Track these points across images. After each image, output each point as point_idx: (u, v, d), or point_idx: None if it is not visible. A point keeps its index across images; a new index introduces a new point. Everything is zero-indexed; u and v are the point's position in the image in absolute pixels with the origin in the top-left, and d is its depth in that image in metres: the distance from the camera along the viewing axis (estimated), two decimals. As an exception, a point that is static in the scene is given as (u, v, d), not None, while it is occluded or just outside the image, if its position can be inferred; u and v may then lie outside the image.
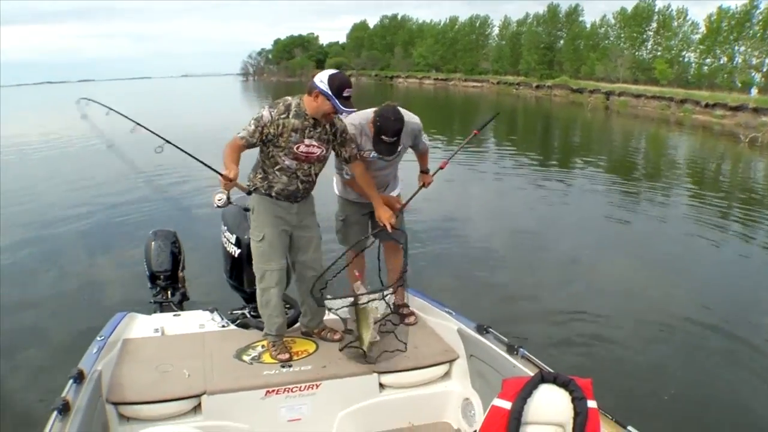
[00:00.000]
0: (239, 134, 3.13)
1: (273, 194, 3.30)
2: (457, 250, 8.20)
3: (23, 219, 9.69)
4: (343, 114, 3.20)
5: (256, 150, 3.32)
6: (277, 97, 3.41)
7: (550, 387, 2.13)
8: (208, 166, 3.26)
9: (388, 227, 3.54)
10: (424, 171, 4.00)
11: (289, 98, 3.22)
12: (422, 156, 3.96)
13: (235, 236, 3.75)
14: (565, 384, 2.11)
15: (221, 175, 3.02)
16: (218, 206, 3.47)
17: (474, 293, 6.44)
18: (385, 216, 3.54)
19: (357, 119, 3.50)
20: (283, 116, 3.14)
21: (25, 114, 42.13)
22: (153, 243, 4.65)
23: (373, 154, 3.52)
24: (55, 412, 2.44)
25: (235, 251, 3.75)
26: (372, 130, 3.42)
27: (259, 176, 3.31)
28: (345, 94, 3.05)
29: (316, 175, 3.40)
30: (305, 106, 3.18)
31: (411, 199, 3.92)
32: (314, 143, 3.23)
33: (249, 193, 3.38)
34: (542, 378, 2.15)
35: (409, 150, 3.86)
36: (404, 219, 3.91)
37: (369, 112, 3.50)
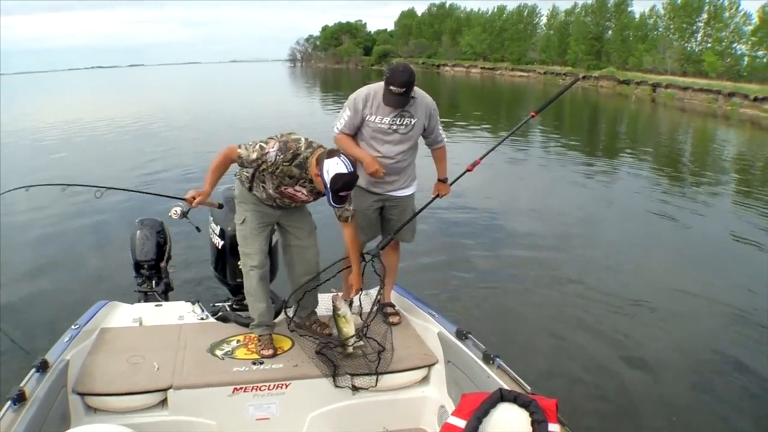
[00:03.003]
0: (239, 148, 3.04)
1: (254, 194, 3.29)
2: (472, 243, 7.79)
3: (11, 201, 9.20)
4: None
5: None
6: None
7: (510, 407, 2.00)
8: (171, 197, 3.34)
9: (353, 293, 3.39)
10: (441, 180, 3.76)
11: (302, 144, 3.05)
12: (439, 154, 3.74)
13: (219, 227, 3.69)
14: (525, 405, 1.98)
15: (185, 200, 3.12)
16: (173, 217, 3.53)
17: (480, 290, 6.24)
18: (354, 283, 3.40)
19: (370, 88, 3.43)
20: (286, 163, 3.04)
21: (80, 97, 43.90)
22: (138, 231, 4.56)
23: (385, 119, 3.40)
24: (9, 402, 2.37)
25: (219, 243, 3.71)
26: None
27: (245, 174, 3.25)
28: (341, 194, 2.94)
29: (295, 206, 3.38)
30: (308, 165, 3.04)
31: (423, 209, 3.76)
32: (303, 191, 3.18)
33: (220, 206, 3.52)
34: (501, 396, 2.02)
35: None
36: (416, 222, 3.80)
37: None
